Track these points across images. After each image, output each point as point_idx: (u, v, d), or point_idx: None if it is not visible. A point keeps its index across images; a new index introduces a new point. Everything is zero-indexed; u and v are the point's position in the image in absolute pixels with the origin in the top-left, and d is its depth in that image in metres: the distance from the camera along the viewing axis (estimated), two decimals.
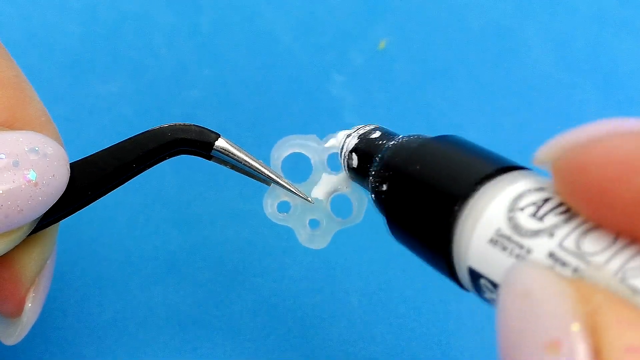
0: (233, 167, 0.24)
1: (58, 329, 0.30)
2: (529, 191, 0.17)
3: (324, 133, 0.25)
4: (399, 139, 0.22)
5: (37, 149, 0.20)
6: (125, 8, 0.39)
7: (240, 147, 0.24)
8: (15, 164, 0.19)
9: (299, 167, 0.25)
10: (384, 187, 0.20)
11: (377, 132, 0.23)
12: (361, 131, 0.23)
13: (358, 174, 0.23)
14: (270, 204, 0.25)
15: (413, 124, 0.36)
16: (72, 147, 0.34)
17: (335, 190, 0.24)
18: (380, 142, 0.22)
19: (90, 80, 0.36)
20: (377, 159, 0.22)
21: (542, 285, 0.14)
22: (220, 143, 0.23)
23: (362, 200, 0.24)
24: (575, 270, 0.15)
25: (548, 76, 0.37)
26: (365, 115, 0.36)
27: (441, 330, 0.30)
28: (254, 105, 0.36)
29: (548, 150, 0.16)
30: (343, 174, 0.24)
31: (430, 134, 0.35)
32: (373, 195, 0.21)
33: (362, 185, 0.23)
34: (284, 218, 0.25)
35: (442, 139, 0.20)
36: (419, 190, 0.19)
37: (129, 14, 0.39)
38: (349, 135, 0.24)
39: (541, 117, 0.36)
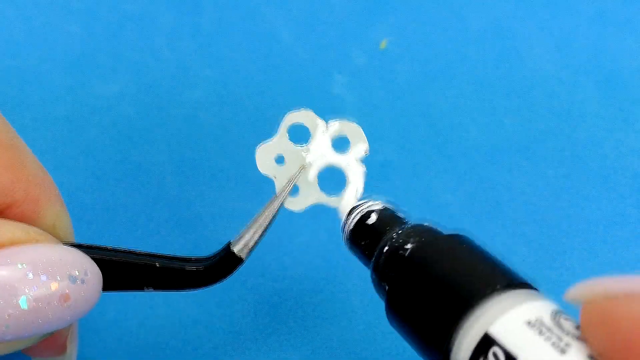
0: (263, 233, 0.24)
1: None
2: (565, 311, 0.18)
3: None
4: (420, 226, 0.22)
5: (77, 273, 0.21)
6: (126, 8, 0.39)
7: (247, 226, 0.24)
8: (54, 284, 0.20)
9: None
10: (409, 246, 0.21)
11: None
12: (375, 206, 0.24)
13: (367, 233, 0.23)
14: (267, 154, 0.25)
15: (414, 124, 0.36)
16: (73, 147, 0.34)
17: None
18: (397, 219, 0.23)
19: (91, 81, 0.36)
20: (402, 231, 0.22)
21: None
22: (238, 247, 0.24)
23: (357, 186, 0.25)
24: None
25: (549, 76, 0.37)
26: (366, 115, 0.36)
27: None
28: (255, 105, 0.36)
29: (581, 291, 0.17)
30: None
31: (432, 133, 0.35)
32: (387, 249, 0.21)
33: (354, 247, 0.24)
34: (273, 169, 0.25)
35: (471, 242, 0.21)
36: (465, 256, 0.20)
37: (129, 14, 0.39)
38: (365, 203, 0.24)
39: (542, 117, 0.36)
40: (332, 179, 0.25)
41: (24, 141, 0.23)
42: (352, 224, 0.23)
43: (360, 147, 0.25)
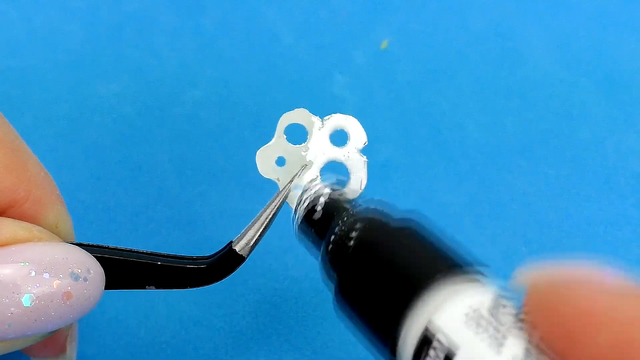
0: (265, 229, 0.24)
1: None
2: (510, 296, 0.18)
3: None
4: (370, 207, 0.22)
5: (79, 271, 0.21)
6: (127, 8, 0.39)
7: (248, 225, 0.24)
8: (57, 282, 0.20)
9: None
10: (353, 236, 0.20)
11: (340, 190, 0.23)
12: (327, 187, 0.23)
13: (315, 224, 0.23)
14: (267, 157, 0.25)
15: (415, 124, 0.36)
16: (74, 147, 0.34)
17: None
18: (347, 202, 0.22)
19: (92, 80, 0.36)
20: (348, 214, 0.21)
21: None
22: (239, 245, 0.24)
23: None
24: None
25: (550, 76, 0.37)
26: (367, 115, 0.36)
27: None
28: (256, 105, 0.36)
29: (525, 277, 0.17)
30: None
31: (433, 133, 0.35)
32: (332, 242, 0.21)
33: (306, 236, 0.23)
34: (275, 171, 0.24)
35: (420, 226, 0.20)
36: (406, 247, 0.19)
37: (130, 14, 0.39)
38: (314, 181, 0.24)
39: (543, 117, 0.36)
40: (336, 173, 0.25)
41: (24, 142, 0.23)
42: (301, 214, 0.23)
43: (358, 138, 0.25)
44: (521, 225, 0.32)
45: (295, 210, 0.24)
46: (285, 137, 0.25)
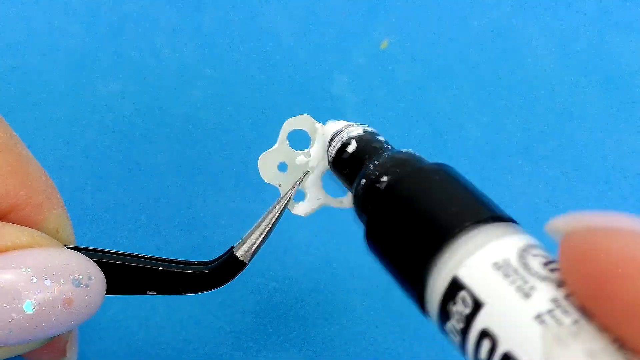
0: (266, 235, 0.24)
1: None
2: (540, 247, 0.17)
3: None
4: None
5: (80, 277, 0.21)
6: (127, 8, 0.39)
7: (249, 230, 0.24)
8: (58, 288, 0.20)
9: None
10: (385, 179, 0.20)
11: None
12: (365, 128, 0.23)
13: (347, 162, 0.23)
14: (269, 163, 0.24)
15: (414, 124, 0.36)
16: (74, 147, 0.34)
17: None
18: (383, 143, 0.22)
19: (92, 80, 0.36)
20: (385, 155, 0.21)
21: None
22: (240, 251, 0.24)
23: None
24: (576, 321, 0.15)
25: (550, 76, 0.37)
26: (367, 114, 0.36)
27: None
28: (256, 105, 0.36)
29: (563, 223, 0.16)
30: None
31: (433, 133, 0.35)
32: (364, 181, 0.21)
33: (337, 175, 0.23)
34: (277, 177, 0.24)
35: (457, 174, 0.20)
36: (437, 191, 0.19)
37: (130, 13, 0.39)
38: (350, 125, 0.24)
39: (543, 117, 0.36)
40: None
41: (25, 146, 0.23)
42: (333, 153, 0.23)
43: None
44: (521, 226, 0.32)
45: (327, 150, 0.23)
46: (287, 142, 0.25)
